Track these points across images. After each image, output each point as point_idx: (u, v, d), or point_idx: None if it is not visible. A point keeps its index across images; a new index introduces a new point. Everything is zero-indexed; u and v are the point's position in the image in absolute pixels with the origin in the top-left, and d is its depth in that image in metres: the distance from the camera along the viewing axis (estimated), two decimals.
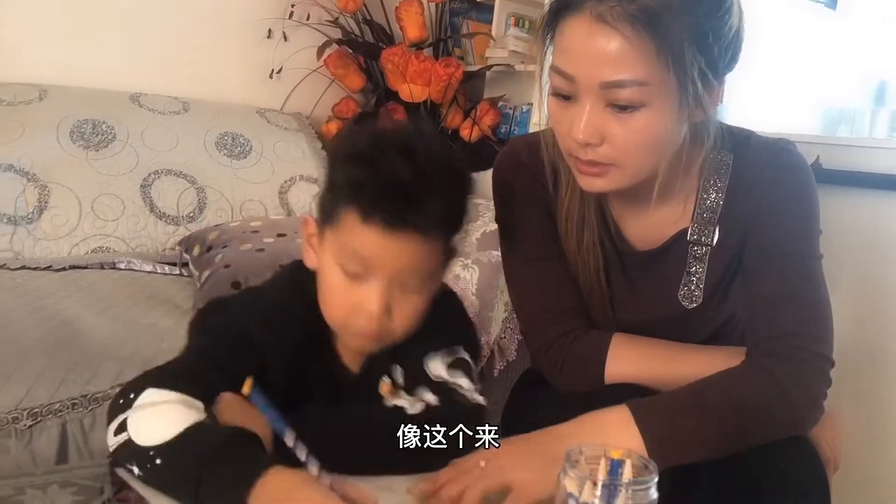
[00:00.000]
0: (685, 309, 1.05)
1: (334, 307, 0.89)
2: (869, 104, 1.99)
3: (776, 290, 0.97)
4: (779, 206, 0.99)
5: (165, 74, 2.48)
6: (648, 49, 0.86)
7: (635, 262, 1.07)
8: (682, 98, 0.89)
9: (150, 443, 0.76)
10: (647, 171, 0.95)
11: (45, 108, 2.12)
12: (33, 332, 1.40)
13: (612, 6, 0.85)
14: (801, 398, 0.91)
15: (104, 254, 1.97)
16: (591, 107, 0.90)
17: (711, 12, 0.88)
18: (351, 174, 0.84)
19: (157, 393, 0.80)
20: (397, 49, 2.55)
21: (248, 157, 2.32)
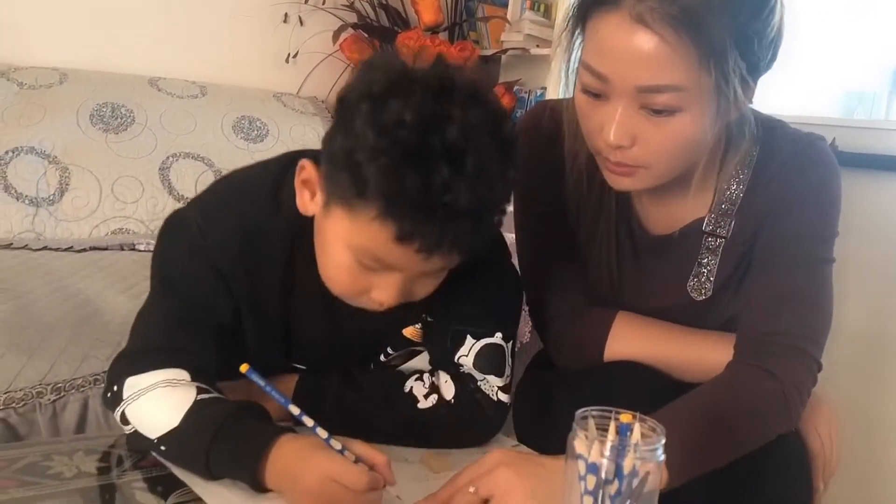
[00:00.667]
0: (693, 301, 1.03)
1: (339, 286, 0.84)
2: (886, 87, 1.98)
3: (781, 287, 0.94)
4: (796, 202, 0.96)
5: (183, 59, 2.51)
6: (689, 54, 0.80)
7: (648, 246, 1.04)
8: (720, 102, 0.84)
9: (154, 434, 0.79)
10: (676, 172, 0.92)
11: (66, 91, 2.15)
12: (56, 310, 1.42)
13: (652, 6, 0.79)
14: (795, 396, 0.90)
15: (124, 235, 2.00)
16: (624, 109, 0.85)
17: (756, 13, 0.82)
18: (387, 180, 0.71)
19: (137, 379, 0.80)
20: (413, 33, 2.56)
21: (264, 141, 2.34)
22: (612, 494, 0.52)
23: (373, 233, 0.74)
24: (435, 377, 0.93)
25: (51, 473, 0.76)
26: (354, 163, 0.72)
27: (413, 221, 0.72)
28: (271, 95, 2.55)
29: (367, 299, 0.82)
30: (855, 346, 1.77)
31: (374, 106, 0.72)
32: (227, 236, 0.84)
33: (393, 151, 0.70)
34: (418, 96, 0.72)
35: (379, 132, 0.71)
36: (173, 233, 0.88)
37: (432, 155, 0.71)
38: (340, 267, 0.80)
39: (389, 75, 0.75)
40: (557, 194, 1.05)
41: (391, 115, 0.71)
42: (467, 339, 0.92)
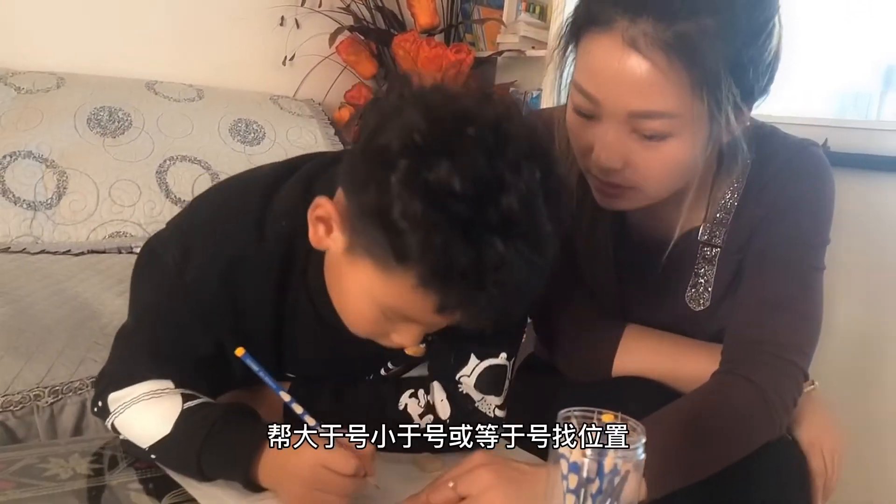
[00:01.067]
0: (692, 311, 1.02)
1: (358, 328, 0.79)
2: (878, 87, 1.99)
3: (771, 295, 0.93)
4: (788, 209, 0.95)
5: (180, 62, 2.52)
6: (682, 81, 0.78)
7: (643, 258, 1.03)
8: (712, 128, 0.82)
9: (145, 444, 0.80)
10: (667, 193, 0.91)
11: (63, 95, 2.16)
12: (54, 313, 1.43)
13: (646, 30, 0.77)
14: (778, 404, 0.90)
15: (121, 238, 2.01)
16: (616, 132, 0.83)
17: (752, 39, 0.80)
18: (435, 253, 0.64)
19: (119, 394, 0.81)
20: (409, 35, 2.57)
21: (261, 144, 2.35)
22: (593, 493, 0.53)
23: (409, 299, 0.69)
24: (430, 395, 0.92)
25: (47, 475, 0.78)
26: (394, 227, 0.65)
27: (459, 296, 0.67)
28: (268, 98, 2.56)
29: (386, 341, 0.79)
30: (846, 344, 1.79)
31: (418, 165, 0.64)
32: (205, 273, 0.80)
33: (443, 225, 0.63)
34: (470, 155, 0.64)
35: (427, 202, 0.63)
36: (151, 267, 0.86)
37: (487, 229, 0.64)
38: (361, 314, 0.76)
39: (432, 121, 0.66)
40: None
41: (439, 181, 0.63)
42: (471, 358, 0.90)
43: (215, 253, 0.80)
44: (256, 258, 0.80)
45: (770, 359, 0.90)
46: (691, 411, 0.87)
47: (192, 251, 0.80)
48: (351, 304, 0.76)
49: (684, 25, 0.77)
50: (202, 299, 0.80)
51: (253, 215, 0.81)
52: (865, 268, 1.79)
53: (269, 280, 0.82)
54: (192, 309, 0.80)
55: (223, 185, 0.91)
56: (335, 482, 0.73)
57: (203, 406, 0.80)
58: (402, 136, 0.65)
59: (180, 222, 0.87)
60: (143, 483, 0.78)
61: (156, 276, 0.84)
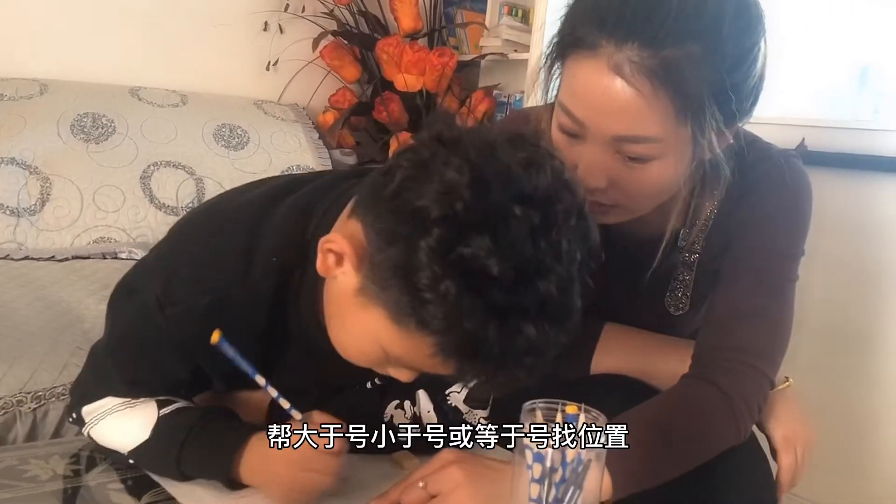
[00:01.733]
0: (671, 315, 1.04)
1: (354, 360, 0.74)
2: (854, 87, 2.01)
3: (742, 303, 0.94)
4: (765, 219, 0.96)
5: (164, 68, 2.52)
6: (666, 107, 0.79)
7: (624, 260, 1.01)
8: (695, 151, 0.84)
9: (123, 449, 0.81)
10: (650, 209, 0.92)
11: (46, 102, 2.16)
12: (37, 319, 1.44)
13: (631, 57, 0.77)
14: (744, 410, 0.91)
15: (106, 244, 2.02)
16: (600, 153, 0.84)
17: (737, 64, 0.80)
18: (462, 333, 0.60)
19: (92, 406, 0.82)
20: (392, 39, 2.58)
21: (245, 148, 2.36)
22: (556, 482, 0.55)
23: (424, 360, 0.65)
24: (416, 406, 0.92)
25: (27, 476, 0.78)
26: (420, 295, 0.60)
27: (479, 372, 0.66)
28: (252, 103, 2.57)
29: (381, 370, 0.75)
30: (824, 340, 1.81)
31: (456, 237, 0.58)
32: (188, 311, 0.75)
33: (475, 310, 0.59)
34: (513, 236, 0.59)
35: (459, 280, 0.58)
36: (129, 300, 0.82)
37: (521, 316, 0.60)
38: (361, 353, 0.72)
39: (475, 190, 0.59)
40: None
41: (477, 259, 0.58)
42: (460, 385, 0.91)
43: (198, 291, 0.76)
44: (242, 295, 0.76)
45: (738, 365, 0.91)
46: (658, 413, 0.88)
47: (174, 289, 0.77)
48: (353, 342, 0.72)
49: (670, 52, 0.77)
50: (183, 335, 0.76)
51: (240, 251, 0.77)
52: (842, 264, 1.81)
53: (257, 315, 0.78)
54: (172, 343, 0.77)
55: (208, 214, 0.87)
56: (322, 460, 0.75)
57: (179, 411, 0.81)
58: (441, 203, 0.59)
59: (160, 255, 0.83)
60: (123, 482, 0.79)
61: (134, 309, 0.80)
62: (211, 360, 0.77)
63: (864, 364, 1.82)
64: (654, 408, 0.89)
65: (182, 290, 0.76)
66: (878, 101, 1.95)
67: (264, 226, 0.78)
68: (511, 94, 2.67)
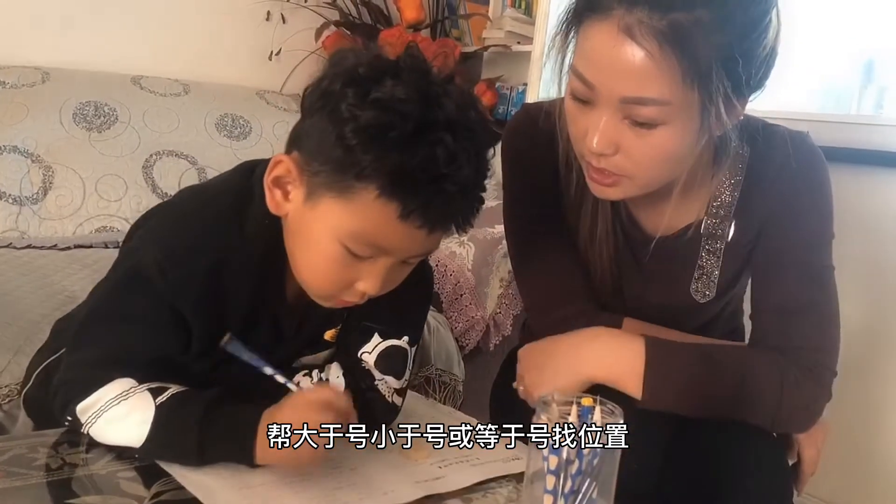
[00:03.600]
0: (697, 302, 1.04)
1: (325, 282, 0.82)
2: (857, 81, 2.01)
3: (790, 301, 0.96)
4: (797, 207, 0.97)
5: (166, 57, 2.51)
6: (674, 69, 0.80)
7: (645, 249, 1.04)
8: (703, 118, 0.85)
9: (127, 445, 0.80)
10: (659, 183, 0.92)
11: (48, 90, 2.16)
12: (40, 307, 1.44)
13: (642, 19, 0.79)
14: (793, 401, 0.93)
15: (108, 233, 2.01)
16: (609, 118, 0.86)
17: (746, 32, 0.82)
18: (392, 156, 0.71)
19: (85, 404, 0.80)
20: (395, 30, 2.57)
21: (248, 138, 2.36)
22: (573, 473, 0.55)
23: (373, 214, 0.73)
24: (325, 371, 0.93)
25: (36, 465, 0.78)
26: (349, 146, 0.72)
27: (419, 196, 0.72)
28: (254, 93, 2.56)
29: (349, 293, 0.82)
30: None
31: (366, 87, 0.72)
32: (192, 270, 0.80)
33: (401, 126, 0.70)
34: (410, 75, 0.74)
35: (381, 109, 0.71)
36: (120, 269, 0.85)
37: (437, 128, 0.72)
38: (328, 260, 0.79)
39: (371, 61, 0.75)
40: (557, 196, 1.06)
41: (389, 93, 0.71)
42: (374, 336, 0.93)
43: (198, 254, 0.81)
44: (238, 256, 0.82)
45: (800, 360, 0.94)
46: (714, 351, 0.93)
47: (174, 253, 0.80)
48: (315, 253, 0.79)
49: (679, 16, 0.79)
50: (183, 297, 0.80)
51: (232, 215, 0.83)
52: (847, 258, 1.80)
53: (252, 274, 0.84)
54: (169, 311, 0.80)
55: (194, 189, 0.92)
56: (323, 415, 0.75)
57: (176, 399, 0.80)
58: (345, 74, 0.74)
59: (156, 229, 0.85)
60: (132, 471, 0.79)
61: (125, 278, 0.83)
62: (202, 323, 0.82)
63: (869, 359, 1.82)
64: (713, 346, 0.95)
65: (182, 255, 0.80)
66: (882, 96, 1.95)
67: (252, 189, 0.84)
68: (514, 86, 2.66)
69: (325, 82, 0.76)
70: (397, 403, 0.94)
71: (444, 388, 1.79)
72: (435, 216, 0.75)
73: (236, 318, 0.84)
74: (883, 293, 1.81)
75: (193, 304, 0.81)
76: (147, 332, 0.82)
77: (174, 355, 0.83)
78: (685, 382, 0.91)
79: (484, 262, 1.97)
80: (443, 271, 1.94)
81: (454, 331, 1.91)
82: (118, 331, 0.82)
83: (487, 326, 1.98)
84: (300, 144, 0.79)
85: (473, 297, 1.93)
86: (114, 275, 0.86)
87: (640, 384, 0.90)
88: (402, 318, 0.94)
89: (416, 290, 0.93)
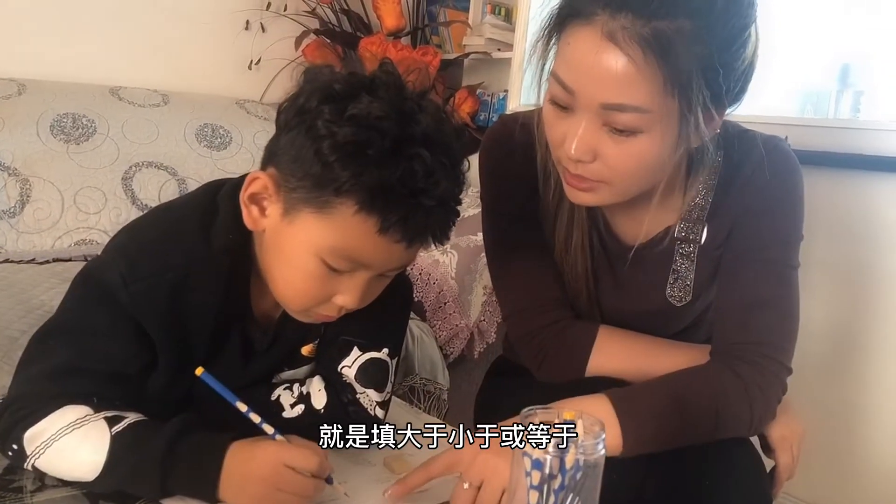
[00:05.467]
0: (674, 307, 1.04)
1: (303, 297, 0.81)
2: (834, 85, 2.03)
3: (750, 296, 0.97)
4: (766, 209, 0.97)
5: (145, 67, 2.50)
6: (655, 77, 0.80)
7: (621, 255, 1.04)
8: (681, 128, 0.84)
9: (77, 477, 0.76)
10: (636, 190, 0.92)
11: (25, 102, 2.14)
12: (18, 323, 1.42)
13: (625, 25, 0.79)
14: (759, 401, 0.93)
15: (87, 246, 1.99)
16: (588, 124, 0.85)
17: (726, 45, 0.82)
18: (369, 172, 0.71)
19: (34, 431, 0.76)
20: (375, 38, 2.57)
21: (228, 148, 2.34)
22: (555, 489, 0.55)
23: (352, 228, 0.74)
24: (307, 385, 0.92)
25: (14, 487, 0.77)
26: (327, 162, 0.72)
27: (398, 210, 0.73)
28: (234, 103, 2.55)
29: (327, 307, 0.82)
30: (809, 337, 1.82)
31: (342, 104, 0.73)
32: (156, 283, 0.79)
33: (378, 142, 0.71)
34: (385, 91, 0.74)
35: (358, 126, 0.71)
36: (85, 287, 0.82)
37: (414, 143, 0.72)
38: (306, 274, 0.78)
39: (346, 78, 0.76)
40: (533, 207, 1.06)
41: (366, 110, 0.72)
42: (353, 350, 0.93)
43: (162, 268, 0.80)
44: (202, 271, 0.81)
45: (756, 358, 0.94)
46: (675, 385, 0.92)
47: (138, 266, 0.79)
48: (293, 268, 0.79)
49: (662, 24, 0.79)
50: (146, 311, 0.79)
51: (198, 230, 0.82)
52: (825, 261, 1.83)
53: (216, 291, 0.83)
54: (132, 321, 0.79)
55: (162, 205, 0.92)
56: (297, 481, 0.74)
57: (134, 430, 0.77)
58: (321, 91, 0.75)
59: (119, 242, 0.84)
60: (112, 494, 0.77)
61: (89, 291, 0.81)
62: (167, 339, 0.81)
63: (845, 360, 1.84)
64: (672, 380, 0.93)
65: (146, 268, 0.79)
66: (858, 100, 1.97)
67: (217, 206, 0.84)
68: (494, 93, 2.66)
69: (301, 99, 0.76)
70: (380, 416, 0.93)
71: (428, 396, 1.79)
72: (413, 230, 0.75)
73: (202, 334, 0.83)
74: (859, 294, 1.83)
75: (157, 319, 0.79)
76: (107, 346, 0.79)
77: (134, 373, 0.81)
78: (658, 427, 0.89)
79: (467, 270, 1.97)
80: (426, 280, 1.93)
81: (438, 339, 1.91)
82: (76, 342, 0.79)
83: (472, 334, 1.98)
84: (276, 161, 0.78)
85: (457, 305, 1.93)
86: (76, 289, 0.84)
87: (617, 444, 0.87)
88: (381, 330, 0.94)
89: (395, 302, 0.93)
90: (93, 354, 0.79)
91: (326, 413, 0.90)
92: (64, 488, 0.78)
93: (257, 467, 0.74)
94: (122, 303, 0.78)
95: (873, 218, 1.79)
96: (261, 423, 0.77)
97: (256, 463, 0.74)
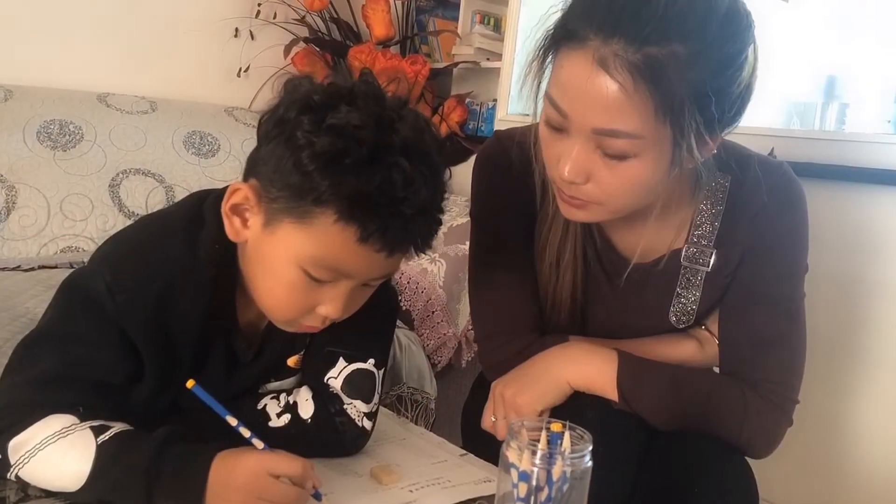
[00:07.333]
0: (675, 328, 1.06)
1: (286, 307, 0.82)
2: (820, 98, 2.05)
3: (758, 334, 0.99)
4: (776, 242, 0.99)
5: (133, 74, 2.49)
6: (647, 104, 0.80)
7: (621, 270, 1.03)
8: (674, 153, 0.84)
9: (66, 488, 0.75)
10: (630, 209, 0.92)
11: (11, 108, 2.12)
12: (2, 331, 1.40)
13: (617, 51, 0.79)
14: (755, 426, 0.96)
15: (73, 253, 1.98)
16: (581, 147, 0.85)
17: (721, 69, 0.81)
18: (348, 181, 0.71)
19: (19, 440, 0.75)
20: (364, 47, 2.58)
21: (216, 156, 2.34)
22: (542, 501, 0.55)
23: (332, 238, 0.74)
24: (293, 395, 0.92)
25: None
26: (307, 171, 0.72)
27: (377, 219, 0.73)
28: (222, 110, 2.54)
29: (311, 317, 0.82)
30: None
31: (321, 114, 0.73)
32: (141, 293, 0.79)
33: (356, 151, 0.71)
34: (364, 101, 0.75)
35: (336, 135, 0.71)
36: (70, 297, 0.82)
37: (393, 152, 0.72)
38: (288, 285, 0.79)
39: (325, 89, 0.76)
40: (522, 226, 1.06)
41: (344, 119, 0.72)
42: (339, 361, 0.93)
43: (148, 278, 0.80)
44: (188, 281, 0.81)
45: (764, 391, 0.98)
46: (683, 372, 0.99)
47: (124, 276, 0.79)
48: (275, 279, 0.79)
49: (654, 50, 0.78)
50: (132, 320, 0.79)
51: (184, 240, 0.82)
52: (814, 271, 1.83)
53: (202, 301, 0.83)
54: (117, 334, 0.79)
55: (148, 216, 0.92)
56: (280, 490, 0.74)
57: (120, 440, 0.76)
58: (300, 102, 0.75)
59: (105, 252, 0.84)
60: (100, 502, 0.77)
61: (76, 300, 0.81)
62: (152, 348, 0.81)
63: (836, 371, 1.85)
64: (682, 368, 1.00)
65: (132, 278, 0.79)
66: (844, 112, 1.99)
67: (203, 216, 0.84)
68: (483, 102, 2.67)
69: (281, 110, 0.76)
70: (367, 427, 0.93)
71: (416, 406, 1.79)
72: (394, 239, 0.75)
73: (187, 344, 0.83)
74: (846, 304, 1.84)
75: (143, 329, 0.80)
76: (93, 355, 0.79)
77: (120, 382, 0.81)
78: (655, 392, 0.96)
79: (455, 279, 1.97)
80: (414, 288, 1.93)
81: (426, 348, 1.90)
82: (62, 351, 0.79)
83: (459, 343, 1.97)
84: (257, 171, 0.79)
85: (445, 314, 1.93)
86: (62, 297, 0.84)
87: (615, 389, 0.96)
88: (367, 340, 0.94)
89: (380, 312, 0.93)
90: (78, 363, 0.79)
91: (313, 423, 0.90)
92: (48, 499, 0.77)
93: (240, 475, 0.74)
94: (108, 312, 0.78)
95: (859, 228, 1.80)
96: (251, 438, 0.77)
97: (239, 471, 0.74)
